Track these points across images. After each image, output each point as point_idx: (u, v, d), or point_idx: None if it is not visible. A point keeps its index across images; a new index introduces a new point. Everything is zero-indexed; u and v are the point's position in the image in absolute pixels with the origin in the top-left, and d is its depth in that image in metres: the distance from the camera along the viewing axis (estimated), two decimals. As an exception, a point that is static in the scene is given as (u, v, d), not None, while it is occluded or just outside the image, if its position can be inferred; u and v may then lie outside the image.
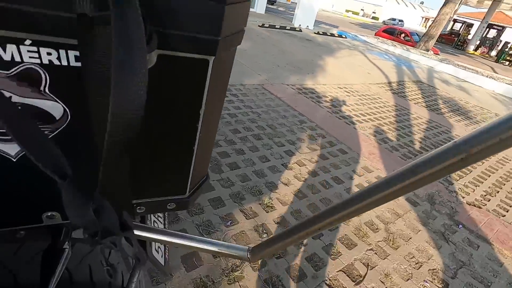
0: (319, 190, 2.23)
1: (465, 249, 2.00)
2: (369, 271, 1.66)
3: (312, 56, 6.91)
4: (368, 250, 1.80)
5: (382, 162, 2.89)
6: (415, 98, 5.65)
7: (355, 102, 4.49)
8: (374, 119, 4.00)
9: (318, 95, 4.34)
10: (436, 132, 4.13)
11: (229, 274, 1.43)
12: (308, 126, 3.26)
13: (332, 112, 3.85)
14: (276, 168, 2.36)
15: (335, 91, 4.75)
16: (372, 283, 1.59)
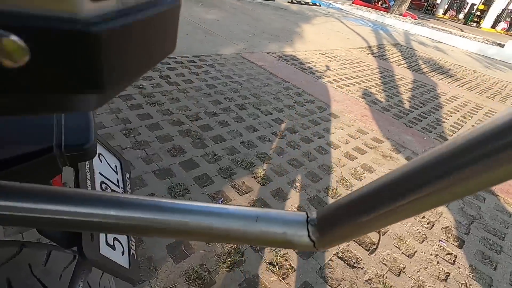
0: (315, 157, 2.02)
1: (472, 203, 1.89)
2: (382, 237, 1.49)
3: (289, 24, 6.55)
4: (377, 215, 1.63)
5: (376, 123, 2.72)
6: (397, 60, 5.52)
7: (339, 67, 4.27)
8: (361, 82, 3.81)
9: (300, 62, 4.07)
10: (422, 91, 4.02)
11: (227, 260, 1.20)
12: (294, 92, 3.01)
13: (317, 77, 3.61)
14: (266, 138, 2.11)
15: (316, 57, 4.49)
16: (387, 250, 1.42)
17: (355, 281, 1.24)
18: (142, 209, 0.26)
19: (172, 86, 2.55)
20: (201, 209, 0.27)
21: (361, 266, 1.31)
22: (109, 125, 1.86)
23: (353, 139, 2.37)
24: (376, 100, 3.32)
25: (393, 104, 3.30)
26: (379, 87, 3.78)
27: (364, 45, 6.17)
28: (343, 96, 3.19)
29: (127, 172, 0.55)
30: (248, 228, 0.26)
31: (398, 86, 4.01)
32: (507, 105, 4.17)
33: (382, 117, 2.90)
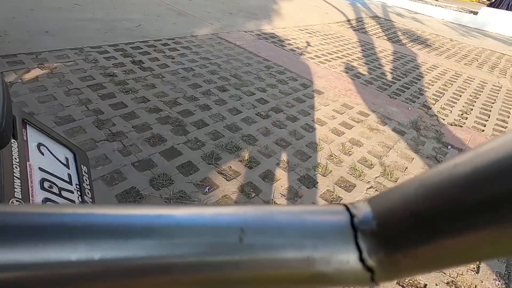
0: (303, 135, 1.96)
1: (459, 169, 1.91)
2: (375, 210, 1.47)
3: (265, 1, 6.30)
4: (368, 189, 1.61)
5: (361, 97, 2.68)
6: (376, 32, 5.46)
7: (319, 42, 4.16)
8: (342, 56, 3.74)
9: (280, 39, 3.93)
10: (403, 62, 4.01)
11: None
12: (276, 70, 2.90)
13: (298, 54, 3.50)
14: (250, 119, 2.02)
15: (296, 34, 4.36)
16: (381, 223, 1.40)
17: None
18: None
19: (147, 72, 2.38)
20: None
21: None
22: (80, 118, 1.71)
23: (339, 114, 2.32)
24: (359, 73, 3.27)
25: (376, 77, 3.26)
26: (361, 60, 3.73)
27: (343, 19, 6.05)
28: (326, 72, 3.11)
29: (84, 165, 0.46)
30: (224, 259, 0.13)
31: (379, 58, 3.97)
32: (484, 71, 4.24)
33: (366, 90, 2.86)
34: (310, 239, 0.14)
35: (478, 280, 1.20)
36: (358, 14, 6.87)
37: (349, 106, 2.48)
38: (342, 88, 2.79)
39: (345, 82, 2.95)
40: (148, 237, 0.13)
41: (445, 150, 2.09)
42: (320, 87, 2.72)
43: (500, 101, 3.20)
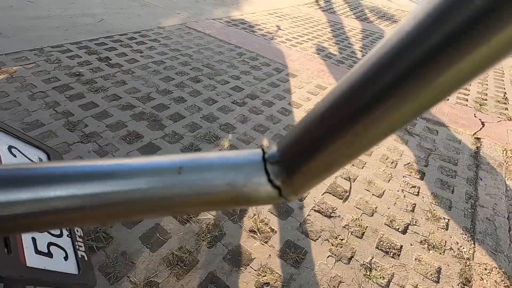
0: (279, 119, 2.00)
1: (428, 137, 2.03)
2: (353, 184, 1.55)
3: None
4: (345, 164, 1.69)
5: (333, 77, 2.74)
6: (344, 12, 5.52)
7: (290, 26, 4.16)
8: (313, 38, 3.77)
9: (250, 25, 3.89)
10: (372, 39, 4.10)
11: (206, 237, 1.17)
12: (248, 57, 2.89)
13: (269, 39, 3.49)
14: (227, 108, 2.03)
15: (266, 18, 4.33)
16: (359, 194, 1.49)
17: (334, 229, 1.28)
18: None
19: (115, 68, 2.30)
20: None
21: (338, 214, 1.36)
22: (49, 122, 1.64)
23: (313, 95, 2.37)
24: (330, 54, 3.32)
25: (347, 56, 3.33)
26: (331, 40, 3.78)
27: (311, 0, 6.05)
28: (298, 55, 3.14)
29: (58, 164, 0.46)
30: (166, 185, 0.18)
31: (348, 37, 4.04)
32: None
33: (338, 69, 2.92)
34: (233, 170, 0.19)
35: (447, 236, 1.32)
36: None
37: (323, 86, 2.54)
38: (315, 70, 2.83)
39: (317, 63, 3.00)
40: (116, 176, 0.19)
41: (414, 121, 2.20)
42: (293, 71, 2.75)
43: (462, 70, 3.37)
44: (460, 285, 1.12)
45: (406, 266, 1.17)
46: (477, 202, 1.52)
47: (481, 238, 1.32)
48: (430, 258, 1.21)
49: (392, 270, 1.15)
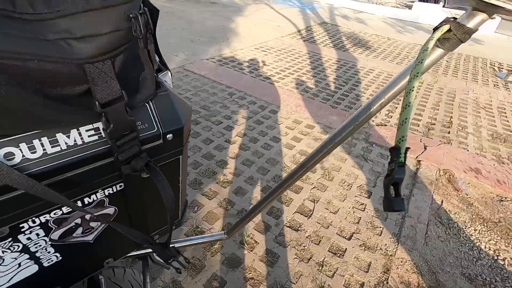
0: (262, 153, 2.56)
1: (379, 162, 2.60)
2: (316, 204, 2.10)
3: (222, 21, 6.84)
4: (312, 189, 2.24)
5: (308, 111, 3.33)
6: (323, 40, 6.19)
7: (274, 60, 4.79)
8: (293, 71, 4.39)
9: (239, 62, 4.50)
10: (345, 69, 4.73)
11: (210, 249, 1.70)
12: (238, 96, 3.47)
13: (255, 76, 4.10)
14: (221, 146, 2.58)
15: (253, 53, 4.95)
16: (320, 212, 2.03)
17: (299, 239, 1.82)
18: None
19: (130, 116, 2.86)
20: None
21: (303, 228, 1.90)
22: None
23: (290, 130, 2.94)
24: (307, 87, 3.92)
25: (321, 89, 3.93)
26: (309, 73, 4.39)
27: (294, 30, 6.73)
28: (279, 91, 3.73)
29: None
30: (206, 240, 0.72)
31: (325, 69, 4.66)
32: (412, 68, 5.07)
33: (312, 103, 3.52)
34: (216, 236, 0.73)
35: (380, 240, 1.86)
36: (308, 23, 7.60)
37: (299, 121, 3.12)
38: (293, 105, 3.42)
39: (295, 98, 3.59)
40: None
41: (371, 148, 2.78)
42: (275, 107, 3.33)
43: (419, 96, 3.99)
44: (382, 272, 1.66)
45: (347, 262, 1.71)
46: (407, 214, 2.07)
47: (404, 240, 1.86)
48: (365, 256, 1.75)
49: (337, 265, 1.69)
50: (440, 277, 1.67)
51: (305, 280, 1.59)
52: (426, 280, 1.65)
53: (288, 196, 2.14)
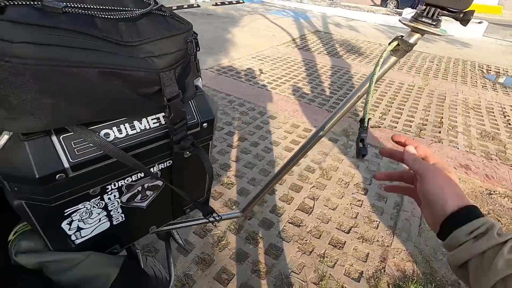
0: (263, 156, 2.69)
1: (374, 161, 2.74)
2: (316, 202, 2.22)
3: (219, 32, 7.06)
4: (312, 188, 2.37)
5: (305, 115, 3.48)
6: (317, 48, 6.41)
7: (270, 68, 4.97)
8: (290, 79, 4.56)
9: (237, 71, 4.68)
10: (339, 75, 4.92)
11: (218, 245, 1.81)
12: (237, 103, 3.63)
13: (253, 83, 4.26)
14: (224, 151, 2.71)
15: (250, 62, 5.14)
16: (320, 209, 2.16)
17: (301, 234, 1.94)
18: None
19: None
20: None
21: (304, 224, 2.02)
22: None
23: (289, 134, 3.08)
24: (304, 93, 4.09)
25: (317, 94, 4.10)
26: (305, 80, 4.57)
27: (288, 39, 6.96)
28: (277, 97, 3.89)
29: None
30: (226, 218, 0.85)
31: (320, 75, 4.84)
32: (404, 72, 5.28)
33: (309, 108, 3.67)
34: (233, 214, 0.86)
35: (377, 232, 1.98)
36: (302, 31, 7.85)
37: (297, 125, 3.26)
38: (290, 110, 3.57)
39: (292, 104, 3.74)
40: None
41: (366, 149, 2.92)
42: (273, 112, 3.48)
43: (411, 99, 4.17)
44: (379, 262, 1.78)
45: (346, 253, 1.83)
46: (401, 208, 2.20)
47: (399, 233, 1.99)
48: (363, 248, 1.87)
49: (337, 257, 1.80)
50: (434, 264, 1.79)
51: (308, 271, 1.71)
52: (421, 267, 1.77)
53: (289, 195, 2.26)
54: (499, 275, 0.34)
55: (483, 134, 3.32)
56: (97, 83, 0.39)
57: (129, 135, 0.49)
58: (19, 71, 0.33)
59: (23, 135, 0.39)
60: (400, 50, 0.47)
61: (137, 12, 0.44)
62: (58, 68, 0.35)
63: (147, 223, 0.70)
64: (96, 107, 0.42)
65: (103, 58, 0.38)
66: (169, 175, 0.63)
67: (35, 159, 0.40)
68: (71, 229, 0.51)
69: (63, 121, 0.40)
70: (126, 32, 0.42)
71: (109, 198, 0.53)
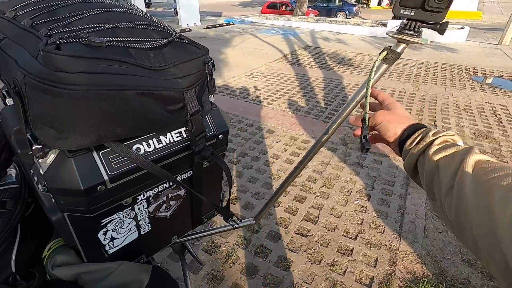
0: (265, 170, 2.73)
1: (374, 167, 2.79)
2: (320, 211, 2.25)
3: (212, 53, 7.18)
4: (315, 198, 2.40)
5: (302, 127, 3.55)
6: (309, 62, 6.61)
7: (265, 84, 5.10)
8: (284, 93, 4.68)
9: (233, 89, 4.80)
10: (332, 86, 5.06)
11: (228, 260, 1.82)
12: (235, 121, 3.70)
13: (249, 100, 4.37)
14: (226, 167, 2.75)
15: (244, 80, 5.28)
16: (325, 218, 2.18)
17: (309, 243, 1.96)
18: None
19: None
20: None
21: (311, 233, 2.04)
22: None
23: (288, 146, 3.14)
24: (299, 106, 4.19)
25: (312, 106, 4.21)
26: (299, 93, 4.69)
27: (280, 56, 7.18)
28: (273, 112, 3.99)
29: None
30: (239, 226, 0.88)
31: (313, 88, 4.98)
32: (394, 80, 5.44)
33: (306, 120, 3.76)
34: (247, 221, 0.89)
35: (383, 237, 2.00)
36: (292, 47, 8.10)
37: (295, 137, 3.33)
38: (287, 124, 3.65)
39: (289, 117, 3.83)
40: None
41: (365, 155, 2.98)
42: (271, 127, 3.56)
43: (404, 104, 4.28)
44: (388, 266, 1.79)
45: (356, 260, 1.84)
46: (405, 211, 2.23)
47: (405, 235, 2.01)
48: (371, 253, 1.89)
49: (347, 264, 1.81)
50: (443, 264, 1.81)
51: (319, 280, 1.71)
52: (430, 268, 1.78)
53: (294, 206, 2.29)
54: (433, 164, 0.43)
55: (476, 134, 3.40)
56: (134, 103, 0.45)
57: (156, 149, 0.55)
58: (74, 97, 0.39)
59: (69, 152, 0.45)
60: (389, 58, 0.54)
61: (162, 41, 0.51)
62: (105, 91, 0.41)
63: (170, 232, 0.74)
64: (132, 124, 0.47)
65: (139, 81, 0.45)
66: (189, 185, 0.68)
67: (80, 173, 0.45)
68: (105, 239, 0.55)
69: (105, 138, 0.46)
70: (154, 59, 0.48)
71: (138, 208, 0.58)
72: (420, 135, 0.47)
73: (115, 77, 0.42)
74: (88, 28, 0.45)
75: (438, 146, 0.44)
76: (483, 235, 0.32)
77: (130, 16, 0.53)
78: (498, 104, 4.26)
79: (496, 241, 0.31)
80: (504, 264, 0.30)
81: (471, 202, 0.35)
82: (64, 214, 0.48)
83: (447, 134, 0.46)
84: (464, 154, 0.39)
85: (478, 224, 0.33)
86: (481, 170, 0.37)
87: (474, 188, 0.35)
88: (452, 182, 0.38)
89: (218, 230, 0.91)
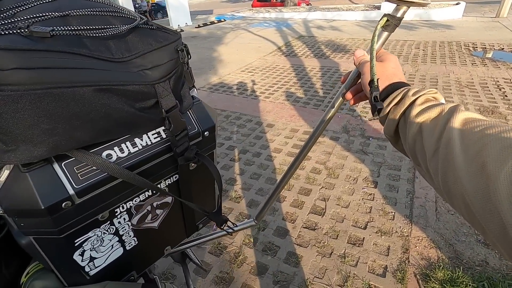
0: (267, 165, 2.67)
1: (379, 153, 2.72)
2: (327, 202, 2.19)
3: (205, 52, 7.18)
4: (321, 189, 2.34)
5: (302, 119, 3.48)
6: (304, 52, 6.50)
7: (261, 78, 5.02)
8: (282, 85, 4.60)
9: (229, 86, 4.72)
10: (329, 75, 4.96)
11: (236, 261, 1.77)
12: (234, 117, 3.64)
13: (246, 96, 4.29)
14: (227, 166, 2.70)
15: (240, 76, 5.20)
16: (332, 209, 2.12)
17: (317, 237, 1.90)
18: None
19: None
20: None
21: (319, 226, 1.98)
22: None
23: (289, 139, 3.08)
24: (297, 98, 4.11)
25: (311, 96, 4.12)
26: (296, 85, 4.60)
27: (274, 48, 7.07)
28: (272, 105, 3.91)
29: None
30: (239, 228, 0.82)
31: (310, 78, 4.88)
32: (392, 62, 5.32)
33: (305, 111, 3.68)
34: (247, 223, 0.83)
35: (394, 223, 1.94)
36: (286, 39, 7.98)
37: (295, 129, 3.26)
38: (287, 116, 3.58)
39: (288, 109, 3.76)
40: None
41: (368, 142, 2.91)
42: (270, 121, 3.49)
43: (404, 86, 4.18)
44: (402, 253, 1.73)
45: (367, 250, 1.78)
46: (414, 195, 2.16)
47: (416, 220, 1.94)
48: (382, 241, 1.83)
49: (358, 254, 1.76)
50: (458, 247, 1.74)
51: (330, 274, 1.66)
52: (445, 252, 1.72)
53: (299, 199, 2.23)
54: (415, 126, 0.39)
55: (481, 110, 3.31)
56: (93, 102, 0.38)
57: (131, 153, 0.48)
58: (13, 99, 0.33)
59: (24, 167, 0.38)
60: (390, 25, 0.48)
61: (123, 28, 0.44)
62: (53, 90, 0.35)
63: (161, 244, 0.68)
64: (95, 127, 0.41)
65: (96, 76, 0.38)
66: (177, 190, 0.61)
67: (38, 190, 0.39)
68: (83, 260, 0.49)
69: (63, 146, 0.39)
70: (116, 49, 0.42)
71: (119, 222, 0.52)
72: (400, 95, 0.43)
73: (63, 71, 0.36)
74: (32, 18, 0.38)
75: (420, 106, 0.40)
76: (476, 201, 0.28)
77: (87, 2, 0.46)
78: (502, 78, 4.14)
79: (491, 206, 0.26)
80: (501, 231, 0.25)
81: (460, 164, 0.31)
82: (30, 238, 0.43)
83: (429, 93, 0.42)
84: (449, 113, 0.35)
85: (469, 188, 0.29)
86: (470, 129, 0.33)
87: (464, 149, 0.31)
88: (438, 144, 0.34)
89: (216, 236, 0.86)
